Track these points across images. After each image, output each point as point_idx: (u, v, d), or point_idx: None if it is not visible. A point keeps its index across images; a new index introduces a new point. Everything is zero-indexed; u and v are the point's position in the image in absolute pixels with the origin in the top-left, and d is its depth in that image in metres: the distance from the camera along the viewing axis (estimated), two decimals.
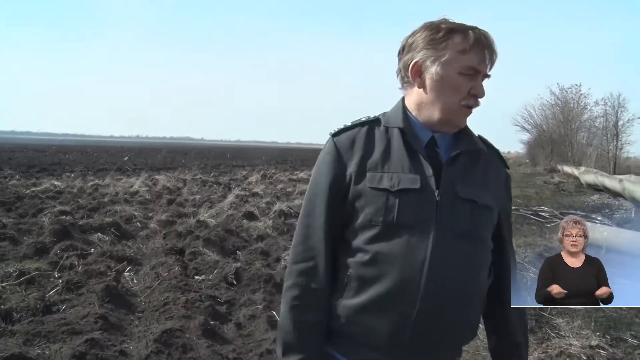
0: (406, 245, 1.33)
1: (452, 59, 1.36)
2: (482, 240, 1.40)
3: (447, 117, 1.40)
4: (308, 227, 1.45)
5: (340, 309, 1.40)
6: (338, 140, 1.46)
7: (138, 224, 8.78)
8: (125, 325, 4.25)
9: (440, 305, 1.33)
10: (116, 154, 37.46)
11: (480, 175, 1.43)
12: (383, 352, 1.36)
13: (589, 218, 11.99)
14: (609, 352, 4.07)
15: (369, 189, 1.37)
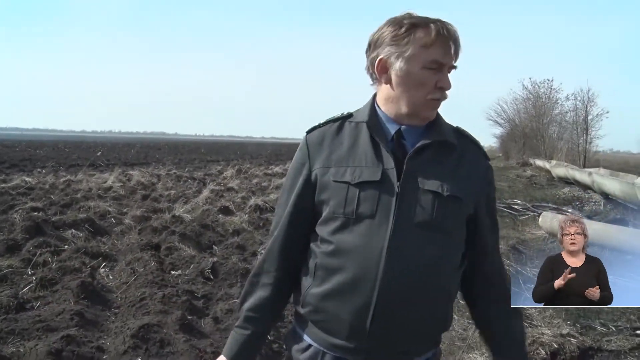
0: (365, 236, 1.37)
1: (416, 54, 1.38)
2: (447, 231, 1.41)
3: (414, 110, 1.43)
4: (277, 217, 1.56)
5: (308, 297, 1.46)
6: (309, 138, 1.52)
7: (112, 220, 8.69)
8: (102, 321, 4.22)
9: (398, 294, 1.36)
10: (89, 149, 36.89)
11: (451, 166, 1.45)
12: (345, 339, 1.41)
13: (561, 210, 12.25)
14: (578, 340, 4.19)
15: (332, 182, 1.42)
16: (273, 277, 1.54)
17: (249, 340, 1.54)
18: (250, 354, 1.57)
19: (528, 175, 26.77)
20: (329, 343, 1.44)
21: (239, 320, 1.57)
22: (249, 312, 1.55)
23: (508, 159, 47.93)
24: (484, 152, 1.56)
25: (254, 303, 1.55)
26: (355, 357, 1.42)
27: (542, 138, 39.56)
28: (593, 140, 33.01)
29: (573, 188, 18.70)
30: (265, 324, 1.59)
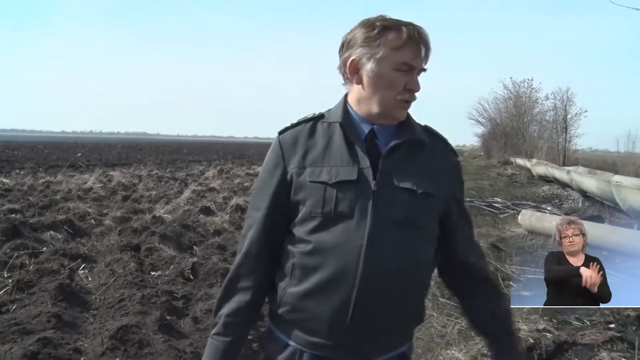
0: (344, 235, 1.39)
1: (387, 56, 1.41)
2: (422, 228, 1.45)
3: (385, 111, 1.46)
4: (250, 219, 1.55)
5: (286, 296, 1.47)
6: (282, 138, 1.53)
7: (92, 221, 8.61)
8: (80, 323, 4.19)
9: (377, 291, 1.39)
10: (68, 150, 36.46)
11: (422, 164, 1.48)
12: (324, 337, 1.43)
13: (540, 208, 12.40)
14: (554, 335, 4.26)
15: (309, 182, 1.44)
16: (251, 281, 1.53)
17: (229, 347, 1.53)
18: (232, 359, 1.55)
19: (509, 174, 27.07)
20: (308, 341, 1.46)
21: (217, 327, 1.54)
22: (228, 317, 1.53)
23: (490, 158, 48.37)
24: (453, 149, 1.60)
25: (233, 308, 1.53)
26: (333, 354, 1.45)
27: (523, 137, 39.99)
28: (572, 139, 33.51)
29: (552, 186, 18.96)
30: (245, 328, 1.57)
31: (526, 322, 4.61)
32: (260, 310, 1.61)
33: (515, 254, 7.95)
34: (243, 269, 1.54)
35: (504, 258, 7.59)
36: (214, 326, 1.56)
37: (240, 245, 1.57)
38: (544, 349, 4.02)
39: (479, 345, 4.02)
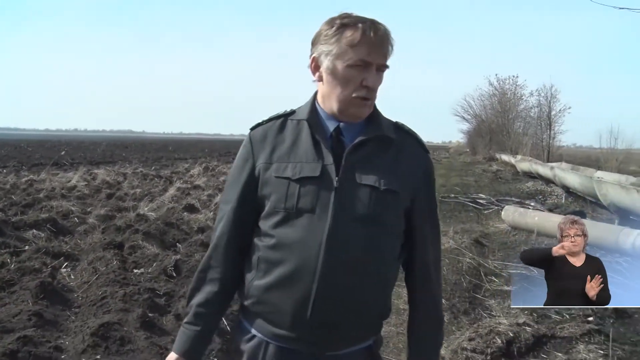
0: (305, 230, 1.42)
1: (342, 53, 1.43)
2: (384, 225, 1.46)
3: (343, 108, 1.48)
4: (221, 212, 1.59)
5: (252, 289, 1.50)
6: (253, 134, 1.56)
7: (76, 220, 8.55)
8: (61, 321, 4.17)
9: (336, 285, 1.41)
10: (52, 148, 36.13)
11: (388, 161, 1.50)
12: (287, 329, 1.45)
13: (523, 204, 12.52)
14: (533, 328, 4.32)
15: (274, 178, 1.47)
16: (220, 272, 1.57)
17: (199, 336, 1.57)
18: (200, 348, 1.60)
19: (494, 170, 27.30)
20: (273, 333, 1.48)
21: (188, 317, 1.59)
22: (199, 307, 1.57)
23: (475, 154, 48.72)
24: (424, 146, 1.60)
25: (203, 299, 1.57)
26: (297, 346, 1.47)
27: (508, 133, 40.30)
28: (556, 136, 33.81)
29: (536, 182, 19.15)
30: (214, 318, 1.61)
31: (507, 316, 4.67)
32: (231, 300, 1.64)
33: (498, 249, 8.05)
34: (213, 260, 1.58)
35: (487, 253, 7.69)
36: (186, 315, 1.61)
37: (212, 237, 1.61)
38: (523, 342, 4.08)
39: (460, 339, 4.08)
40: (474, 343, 3.95)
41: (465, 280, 5.95)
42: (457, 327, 4.54)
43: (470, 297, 5.45)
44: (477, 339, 4.03)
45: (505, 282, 6.05)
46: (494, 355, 3.85)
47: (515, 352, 3.97)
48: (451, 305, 5.09)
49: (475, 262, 6.71)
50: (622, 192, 8.82)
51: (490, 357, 3.82)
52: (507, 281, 6.12)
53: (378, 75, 1.47)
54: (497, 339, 4.03)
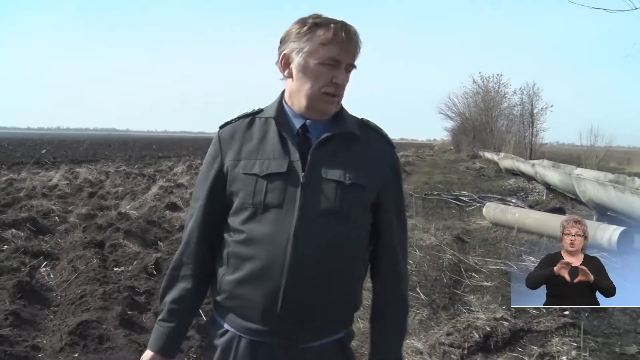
0: (273, 225, 1.45)
1: (314, 50, 1.48)
2: (351, 218, 1.50)
3: (311, 103, 1.52)
4: (191, 209, 1.62)
5: (223, 284, 1.53)
6: (221, 133, 1.60)
7: (56, 219, 8.47)
8: (39, 320, 4.15)
9: (305, 279, 1.44)
10: (34, 147, 35.70)
11: (354, 156, 1.53)
12: (259, 323, 1.48)
13: (505, 201, 12.66)
14: (510, 323, 4.38)
15: (242, 174, 1.50)
16: (192, 269, 1.59)
17: (173, 332, 1.59)
18: (175, 345, 1.61)
19: (477, 168, 27.53)
20: (244, 327, 1.51)
21: (162, 314, 1.60)
22: (172, 304, 1.59)
23: (459, 152, 49.06)
24: (390, 141, 1.65)
25: (176, 295, 1.59)
26: (269, 339, 1.49)
27: (491, 131, 40.65)
28: (539, 133, 34.17)
29: (519, 179, 19.34)
30: (188, 315, 1.63)
31: (485, 311, 4.73)
32: (204, 296, 1.66)
33: (479, 245, 8.14)
34: (184, 257, 1.61)
35: (468, 250, 7.77)
36: (159, 313, 1.62)
37: (183, 234, 1.64)
38: (500, 336, 4.14)
39: (438, 334, 4.12)
40: (451, 338, 4.00)
41: (445, 276, 6.01)
42: (436, 322, 4.59)
43: (450, 293, 5.51)
44: (455, 333, 4.08)
45: (485, 278, 6.13)
46: (471, 349, 3.90)
47: (492, 346, 4.02)
48: (431, 301, 5.14)
49: (456, 259, 6.78)
50: (599, 189, 8.96)
51: (467, 351, 3.87)
52: (487, 277, 6.21)
53: (346, 74, 1.52)
54: (474, 333, 4.09)
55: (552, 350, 3.86)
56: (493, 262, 6.82)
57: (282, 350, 1.50)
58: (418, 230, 8.35)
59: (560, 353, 3.83)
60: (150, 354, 1.58)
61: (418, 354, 3.77)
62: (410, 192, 14.18)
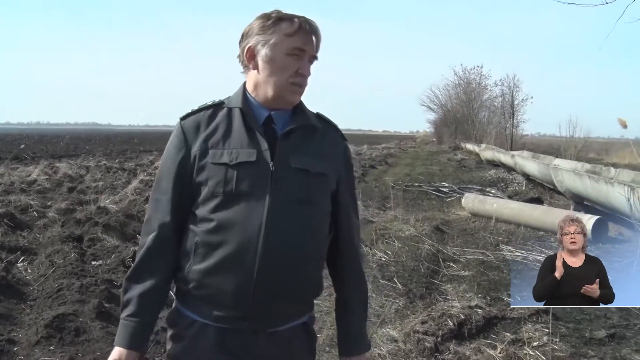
0: (244, 212, 1.49)
1: (280, 42, 1.53)
2: (316, 205, 1.57)
3: (279, 94, 1.57)
4: (157, 202, 1.60)
5: (191, 274, 1.53)
6: (184, 124, 1.60)
7: (35, 214, 8.40)
8: (16, 314, 4.14)
9: (277, 264, 1.49)
10: (12, 142, 35.19)
11: (315, 147, 1.61)
12: (230, 309, 1.51)
13: (484, 191, 12.80)
14: (485, 311, 4.47)
15: (211, 164, 1.52)
16: (159, 263, 1.58)
17: (143, 327, 1.56)
18: (146, 340, 1.59)
19: (458, 159, 27.76)
20: (214, 315, 1.53)
21: (129, 309, 1.56)
22: (140, 299, 1.55)
23: (441, 144, 49.36)
24: (342, 134, 1.73)
25: (143, 290, 1.56)
26: (239, 325, 1.53)
27: (473, 123, 41.00)
28: (519, 124, 34.53)
29: (499, 170, 19.59)
30: (155, 309, 1.61)
31: (461, 300, 4.81)
32: (169, 290, 1.65)
33: (457, 236, 8.24)
34: (152, 251, 1.58)
35: (447, 240, 7.86)
36: (124, 307, 1.57)
37: (147, 227, 1.61)
38: (474, 324, 4.22)
39: (413, 322, 4.19)
40: (426, 326, 4.06)
41: (423, 266, 6.08)
42: (412, 311, 4.65)
43: (427, 283, 5.58)
44: (430, 322, 4.15)
45: (462, 268, 6.23)
46: (445, 337, 3.97)
47: (466, 333, 4.10)
48: (408, 290, 5.20)
49: (434, 249, 6.86)
50: (575, 179, 9.12)
51: (441, 338, 3.94)
52: (465, 266, 6.30)
53: (309, 66, 1.58)
54: (449, 321, 4.16)
55: (524, 337, 3.94)
56: (471, 252, 6.92)
57: (251, 335, 1.54)
58: (398, 221, 8.43)
59: (532, 339, 3.92)
60: (120, 351, 1.54)
61: (393, 342, 3.83)
62: (391, 184, 14.30)
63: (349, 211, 1.70)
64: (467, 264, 6.36)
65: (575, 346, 3.90)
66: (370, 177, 17.10)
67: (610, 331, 4.16)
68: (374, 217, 9.00)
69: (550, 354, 3.64)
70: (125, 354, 1.53)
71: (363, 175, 17.08)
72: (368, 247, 6.65)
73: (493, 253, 6.82)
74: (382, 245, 6.75)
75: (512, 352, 3.59)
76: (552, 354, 3.66)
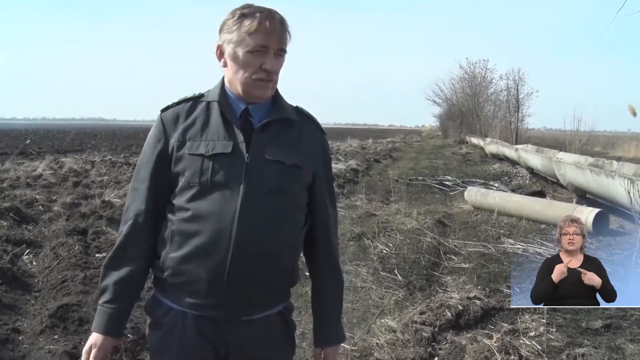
0: (219, 202, 1.54)
1: (242, 40, 1.57)
2: (291, 196, 1.61)
3: (245, 90, 1.61)
4: (135, 191, 1.66)
5: (167, 262, 1.59)
6: (164, 116, 1.66)
7: (40, 208, 8.50)
8: (21, 305, 4.22)
9: (250, 253, 1.53)
10: (19, 137, 35.40)
11: (291, 140, 1.65)
12: (204, 297, 1.56)
13: (487, 185, 12.82)
14: (483, 302, 4.51)
15: (188, 155, 1.58)
16: (136, 250, 1.63)
17: (118, 314, 1.61)
18: (122, 326, 1.65)
19: (463, 153, 27.72)
20: (190, 303, 1.58)
21: (105, 295, 1.61)
22: (116, 286, 1.60)
23: (446, 138, 49.27)
24: (321, 128, 1.77)
25: (120, 277, 1.61)
26: (214, 312, 1.58)
27: (478, 117, 40.82)
28: (524, 118, 34.33)
29: (503, 164, 19.56)
30: (132, 296, 1.66)
31: (460, 291, 4.85)
32: (146, 278, 1.70)
33: (459, 229, 8.28)
34: (128, 239, 1.64)
35: (448, 233, 7.90)
36: (102, 294, 1.63)
37: (125, 216, 1.66)
38: (472, 314, 4.27)
39: (411, 313, 4.25)
40: (424, 316, 4.12)
41: (424, 258, 6.12)
42: (412, 302, 4.70)
43: (427, 275, 5.62)
44: (428, 312, 4.20)
45: (463, 260, 6.27)
46: (442, 327, 4.02)
47: (464, 324, 4.15)
48: (408, 282, 5.25)
49: (436, 242, 6.90)
50: (577, 172, 9.12)
51: (439, 329, 3.99)
52: (466, 259, 6.34)
53: (276, 59, 1.60)
54: (447, 312, 4.22)
55: (521, 327, 3.98)
56: (472, 245, 6.96)
57: (226, 323, 1.59)
58: (400, 214, 8.47)
59: (529, 329, 3.96)
60: (97, 336, 1.60)
61: (391, 332, 3.88)
62: (395, 178, 14.33)
63: (325, 203, 1.74)
64: (467, 257, 6.40)
65: (571, 336, 3.94)
66: (375, 171, 17.12)
67: (606, 321, 4.19)
68: (377, 210, 9.03)
69: (545, 343, 3.69)
70: (101, 339, 1.59)
71: (367, 169, 17.12)
72: (370, 240, 6.71)
73: (494, 246, 6.86)
74: (383, 238, 6.79)
75: (508, 342, 3.63)
76: (547, 343, 3.71)
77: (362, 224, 7.85)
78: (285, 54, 1.63)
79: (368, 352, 3.62)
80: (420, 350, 3.63)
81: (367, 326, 4.07)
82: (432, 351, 3.71)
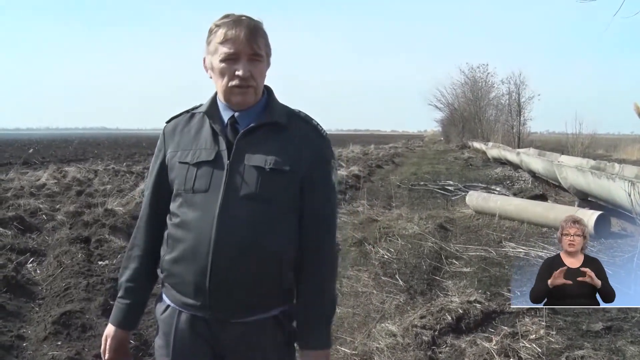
0: (201, 208, 1.61)
1: (215, 50, 1.64)
2: (271, 202, 1.61)
3: (227, 98, 1.68)
4: (144, 198, 1.81)
5: (164, 263, 1.69)
6: (166, 128, 1.78)
7: (44, 217, 8.55)
8: (25, 312, 4.27)
9: (228, 257, 1.57)
10: (22, 147, 35.57)
11: (278, 144, 1.65)
12: (192, 298, 1.63)
13: (489, 189, 12.83)
14: (484, 305, 4.52)
15: (177, 163, 1.68)
16: (142, 250, 1.77)
17: (129, 309, 1.77)
18: (134, 319, 1.81)
19: (465, 157, 27.72)
20: (182, 302, 1.66)
21: (120, 291, 1.79)
22: (127, 283, 1.77)
23: (448, 143, 49.25)
24: (319, 131, 1.74)
25: (130, 275, 1.77)
26: (203, 313, 1.64)
27: (480, 121, 40.88)
28: (526, 122, 34.34)
29: (505, 168, 19.58)
30: (143, 292, 1.81)
31: (460, 295, 4.87)
32: (155, 277, 1.81)
33: (460, 233, 8.29)
34: (136, 240, 1.79)
35: (450, 237, 7.91)
36: (118, 291, 1.81)
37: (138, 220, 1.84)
38: (472, 318, 4.28)
39: (412, 317, 4.27)
40: (424, 320, 4.14)
41: (425, 263, 6.13)
42: (412, 306, 4.72)
43: (428, 279, 5.64)
44: (429, 316, 4.22)
45: (464, 264, 6.28)
46: (443, 331, 4.04)
47: (464, 327, 4.17)
48: (409, 287, 5.27)
49: (437, 246, 6.92)
50: (579, 175, 9.14)
51: (439, 332, 4.01)
52: (467, 263, 6.35)
53: (252, 65, 1.63)
54: (447, 315, 4.23)
55: (522, 330, 4.00)
56: (473, 249, 6.98)
57: (217, 324, 1.64)
58: (402, 220, 8.48)
59: (529, 332, 3.98)
60: (111, 328, 1.78)
61: (391, 336, 3.90)
62: (397, 183, 14.36)
63: (316, 208, 1.69)
64: (469, 261, 6.41)
65: (571, 338, 3.95)
66: (377, 177, 17.15)
67: (607, 324, 4.21)
68: (379, 216, 9.05)
69: (545, 346, 3.70)
70: (114, 330, 1.77)
71: (369, 174, 17.15)
72: (371, 245, 6.73)
73: (495, 250, 6.87)
74: (385, 244, 6.81)
75: (507, 345, 3.65)
76: (547, 346, 3.73)
77: (364, 229, 7.86)
78: (263, 58, 1.67)
79: (368, 356, 3.64)
80: (420, 354, 3.65)
81: (368, 330, 4.09)
82: (432, 355, 3.73)
